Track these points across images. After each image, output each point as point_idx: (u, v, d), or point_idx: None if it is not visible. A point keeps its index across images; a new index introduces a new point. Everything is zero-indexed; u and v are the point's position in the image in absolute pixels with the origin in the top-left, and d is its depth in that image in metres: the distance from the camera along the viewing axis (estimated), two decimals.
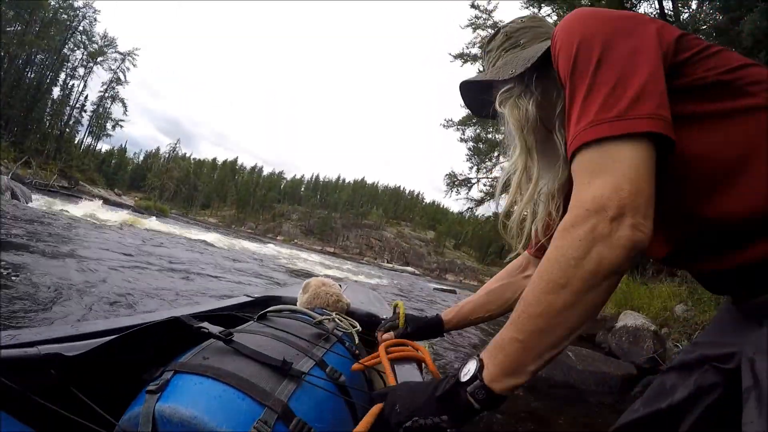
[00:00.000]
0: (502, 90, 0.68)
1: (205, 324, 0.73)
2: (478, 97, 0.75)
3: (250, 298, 1.39)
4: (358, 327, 1.11)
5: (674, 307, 5.39)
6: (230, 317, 1.00)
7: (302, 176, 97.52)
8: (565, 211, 0.50)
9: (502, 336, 0.47)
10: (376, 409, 0.55)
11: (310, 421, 0.61)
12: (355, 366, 0.78)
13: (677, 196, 0.50)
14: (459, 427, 0.49)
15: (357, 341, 1.04)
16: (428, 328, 0.97)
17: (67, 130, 32.57)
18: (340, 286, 1.45)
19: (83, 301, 2.47)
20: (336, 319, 1.05)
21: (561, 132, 0.63)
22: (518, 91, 0.67)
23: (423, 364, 0.85)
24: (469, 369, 0.49)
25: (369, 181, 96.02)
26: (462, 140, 15.74)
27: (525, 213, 0.74)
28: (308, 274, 8.27)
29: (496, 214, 0.86)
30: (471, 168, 15.71)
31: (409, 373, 0.76)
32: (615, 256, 0.40)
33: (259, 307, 1.06)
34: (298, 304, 1.24)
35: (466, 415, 0.48)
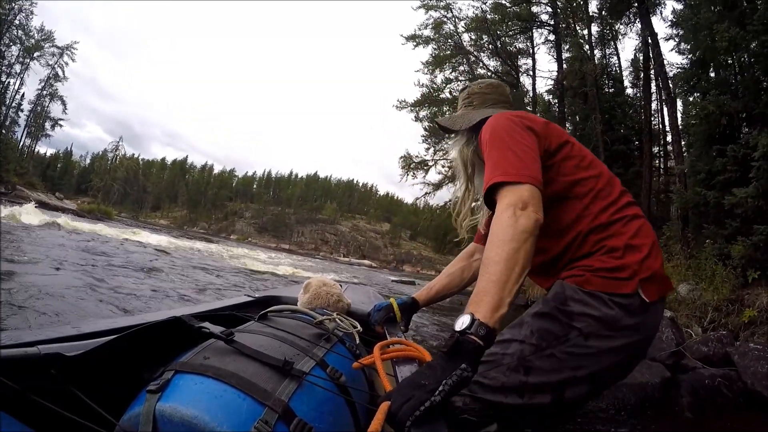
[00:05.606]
0: (453, 136, 1.13)
1: (206, 324, 0.73)
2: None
3: (250, 298, 1.39)
4: (359, 327, 1.11)
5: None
6: (230, 317, 0.99)
7: (254, 173, 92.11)
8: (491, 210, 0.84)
9: (481, 285, 0.66)
10: (384, 406, 0.54)
11: (310, 421, 0.61)
12: (356, 365, 0.77)
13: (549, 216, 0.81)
14: (476, 370, 0.59)
15: (358, 341, 1.03)
16: (410, 310, 1.25)
17: (3, 131, 27.95)
18: (341, 286, 1.45)
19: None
20: (337, 319, 1.04)
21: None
22: (464, 139, 1.07)
23: (424, 363, 0.84)
24: (463, 321, 0.62)
25: (322, 175, 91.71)
26: (417, 119, 14.99)
27: (467, 215, 1.13)
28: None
29: (451, 203, 1.23)
30: (427, 149, 14.93)
31: (410, 373, 0.76)
32: (528, 223, 0.71)
33: (259, 307, 1.06)
34: (298, 304, 1.24)
35: (476, 354, 0.59)
